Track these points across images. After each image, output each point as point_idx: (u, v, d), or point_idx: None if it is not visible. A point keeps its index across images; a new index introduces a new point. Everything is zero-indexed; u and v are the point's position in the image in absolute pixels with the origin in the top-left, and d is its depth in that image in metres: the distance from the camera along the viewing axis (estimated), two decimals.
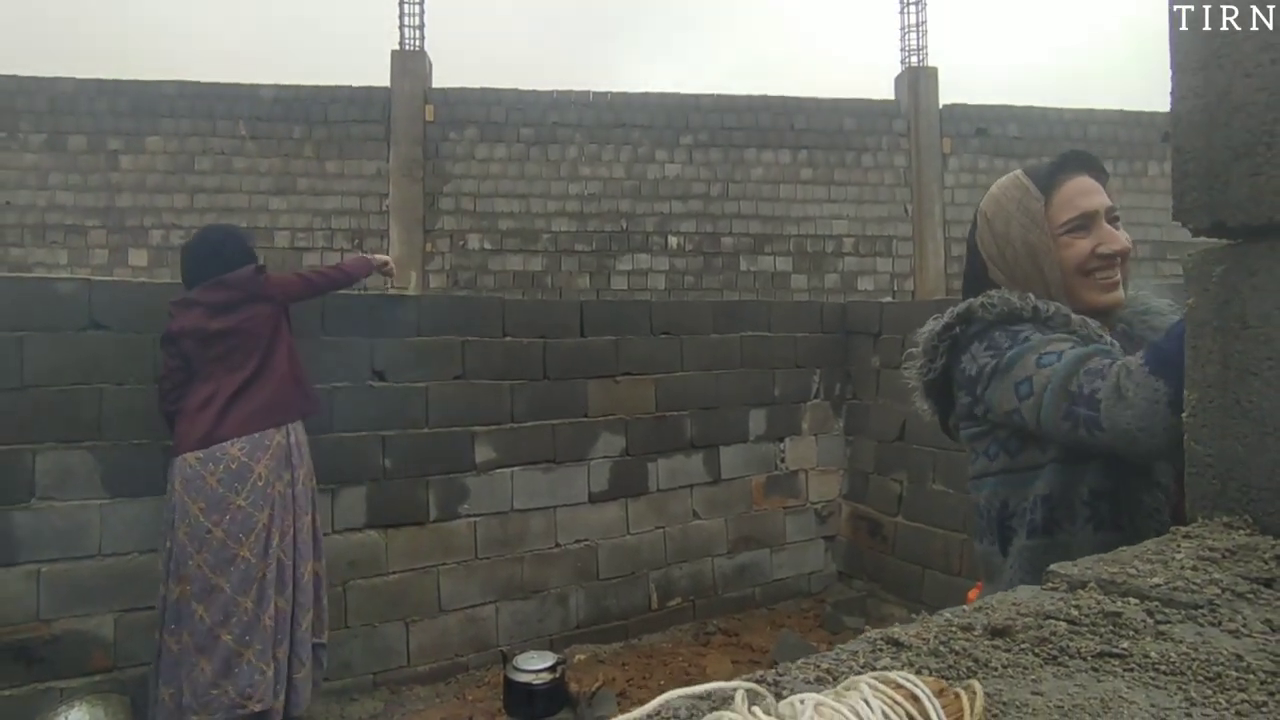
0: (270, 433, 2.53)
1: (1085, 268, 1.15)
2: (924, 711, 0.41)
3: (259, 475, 2.47)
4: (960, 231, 9.63)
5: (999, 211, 1.23)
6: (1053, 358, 1.02)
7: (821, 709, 0.39)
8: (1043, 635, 0.55)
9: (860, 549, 4.37)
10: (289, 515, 2.54)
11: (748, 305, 4.54)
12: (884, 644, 0.55)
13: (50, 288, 2.77)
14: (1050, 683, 0.50)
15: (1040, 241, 1.17)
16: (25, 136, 8.12)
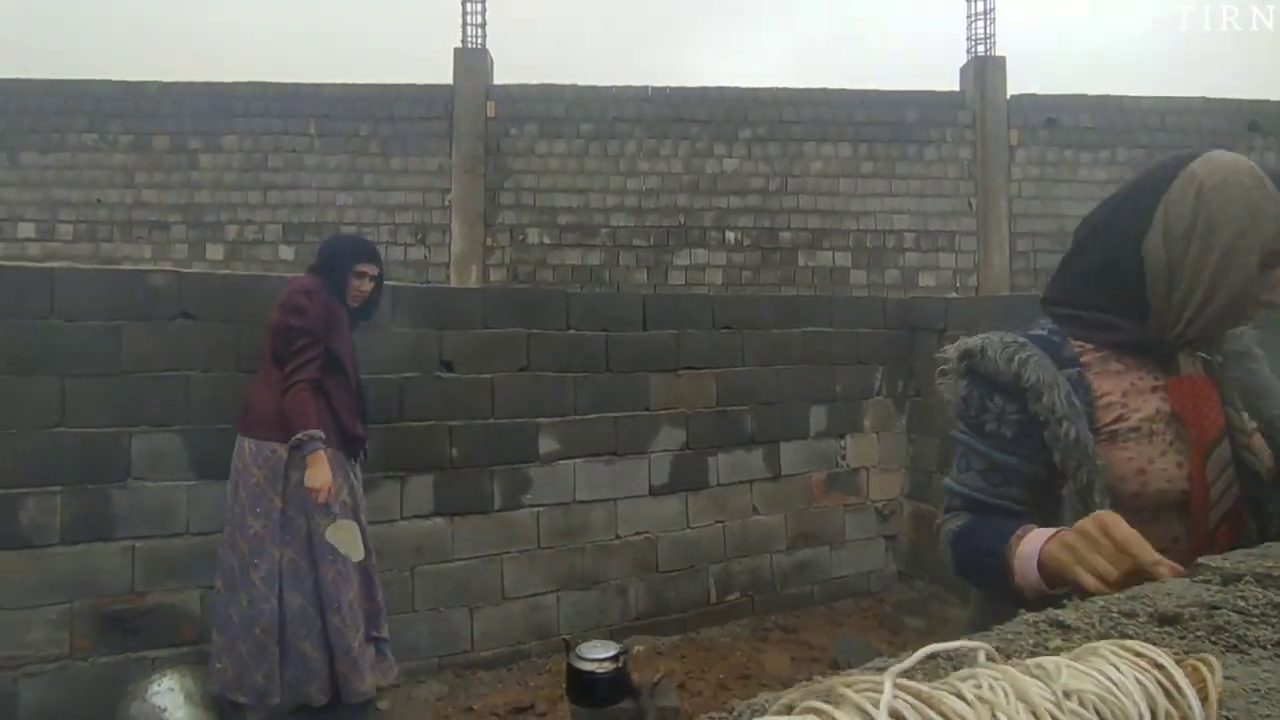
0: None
1: (1257, 304, 0.96)
2: (1171, 679, 0.39)
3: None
4: (1027, 226, 9.33)
5: (1219, 193, 0.94)
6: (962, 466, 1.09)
7: (1072, 670, 0.38)
8: (1216, 624, 0.54)
9: (922, 549, 4.29)
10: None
11: (809, 301, 4.50)
12: (1049, 626, 0.54)
13: (144, 280, 2.92)
14: (1238, 669, 0.49)
15: (1246, 252, 0.92)
16: (115, 138, 8.56)
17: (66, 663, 2.71)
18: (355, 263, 2.63)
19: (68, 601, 2.72)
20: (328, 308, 2.56)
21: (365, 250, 2.70)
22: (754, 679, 3.24)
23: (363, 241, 2.77)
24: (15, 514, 2.65)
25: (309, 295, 2.53)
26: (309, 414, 2.45)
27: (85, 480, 2.76)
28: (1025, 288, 9.06)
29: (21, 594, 2.66)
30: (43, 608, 2.69)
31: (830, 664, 3.41)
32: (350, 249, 2.69)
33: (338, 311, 2.60)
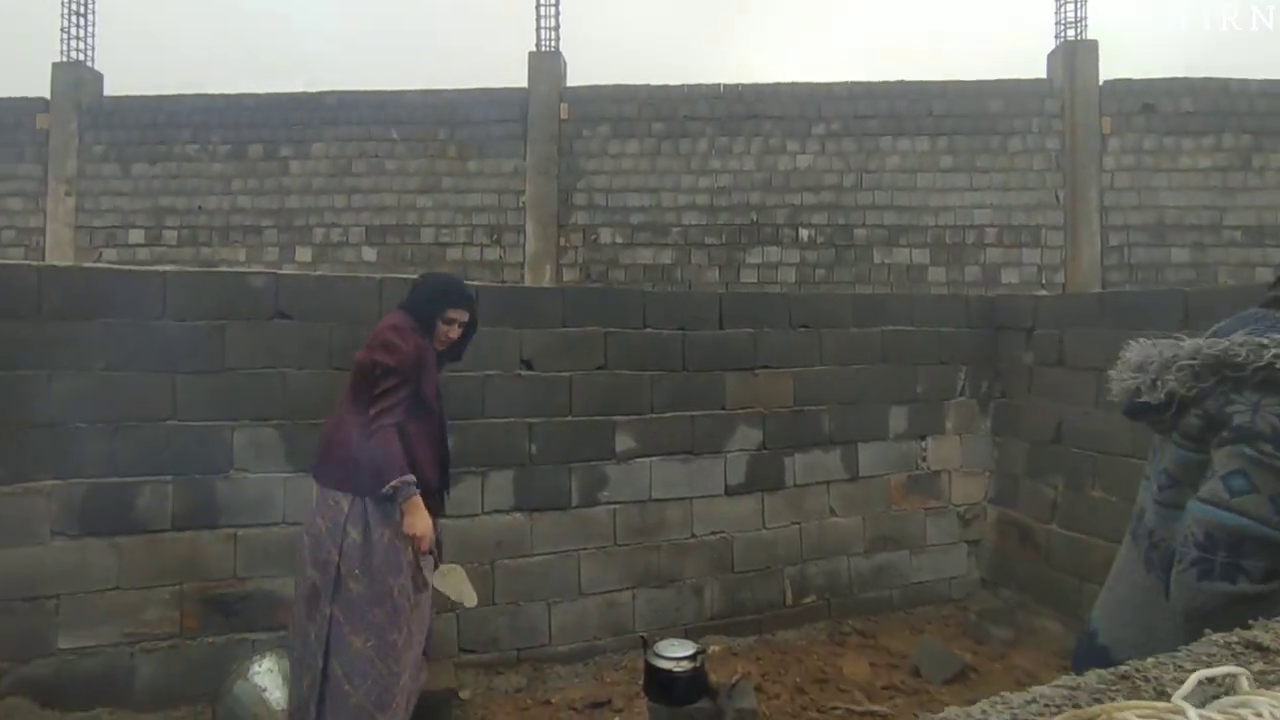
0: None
1: None
2: None
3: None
4: (1121, 219, 8.85)
5: None
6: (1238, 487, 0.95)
7: None
8: None
9: (1008, 556, 4.13)
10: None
11: (889, 299, 4.39)
12: (1244, 647, 0.51)
13: (244, 281, 3.08)
14: None
15: None
16: (215, 148, 9.08)
17: (177, 641, 2.89)
18: (448, 307, 2.44)
19: (178, 584, 2.91)
20: (419, 347, 2.36)
21: (459, 294, 2.49)
22: (832, 684, 3.19)
23: (457, 284, 2.54)
24: (133, 501, 2.84)
25: (400, 333, 2.34)
26: (396, 458, 2.24)
27: (193, 471, 2.93)
28: (1119, 283, 8.60)
29: (139, 575, 2.85)
30: (156, 589, 2.88)
31: (911, 671, 3.33)
32: (444, 291, 2.48)
33: (428, 352, 2.40)
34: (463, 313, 2.50)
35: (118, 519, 2.83)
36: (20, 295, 2.71)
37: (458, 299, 2.48)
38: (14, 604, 2.70)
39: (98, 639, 2.80)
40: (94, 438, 2.81)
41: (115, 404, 2.83)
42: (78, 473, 2.78)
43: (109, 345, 2.82)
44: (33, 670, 2.73)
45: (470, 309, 2.52)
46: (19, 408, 2.71)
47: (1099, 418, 3.63)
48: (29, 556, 2.72)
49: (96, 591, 2.80)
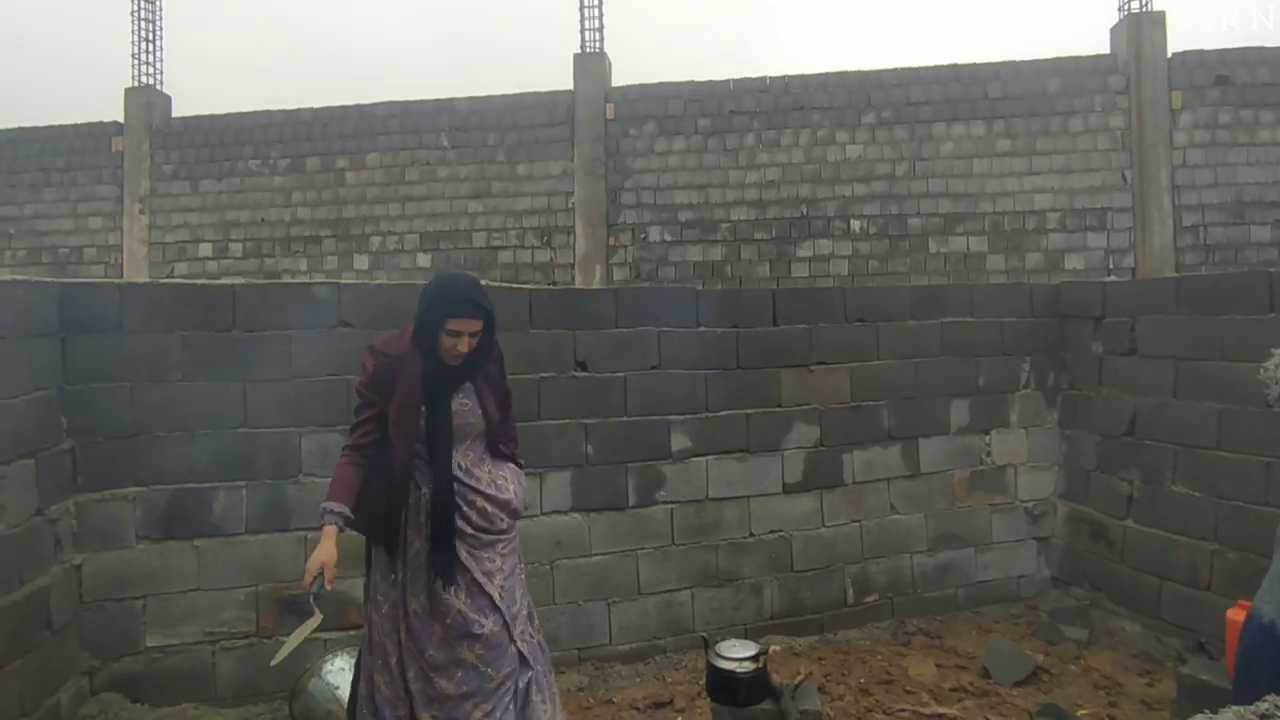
0: None
1: None
2: None
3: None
4: (1195, 198, 8.44)
5: None
6: None
7: None
8: None
9: (1080, 554, 3.98)
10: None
11: (948, 289, 4.27)
12: None
13: (309, 291, 3.18)
14: None
15: None
16: (275, 162, 9.41)
17: (254, 639, 3.01)
18: (446, 317, 2.06)
19: (253, 585, 3.02)
20: (388, 364, 2.10)
21: (457, 301, 2.07)
22: (897, 685, 3.12)
23: (459, 288, 2.11)
24: (210, 505, 2.97)
25: (374, 350, 2.15)
26: (333, 484, 2.12)
27: (264, 475, 3.04)
28: (1194, 266, 8.20)
29: (217, 576, 2.97)
30: (233, 590, 3.00)
31: (980, 673, 3.24)
32: (441, 298, 2.09)
33: (404, 368, 2.09)
34: (467, 322, 2.07)
35: (196, 522, 2.96)
36: (103, 312, 2.86)
37: (457, 307, 2.06)
38: (106, 604, 2.85)
39: (181, 637, 2.94)
40: (173, 446, 2.94)
41: (191, 413, 2.96)
42: (159, 479, 2.92)
43: (184, 357, 2.95)
44: (123, 667, 2.87)
45: (476, 315, 2.09)
46: (105, 419, 2.85)
47: (1179, 409, 3.47)
48: (117, 559, 2.87)
49: (178, 592, 2.94)
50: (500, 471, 2.29)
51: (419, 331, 2.11)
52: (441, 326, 2.08)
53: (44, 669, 2.55)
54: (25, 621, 2.45)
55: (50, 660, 2.59)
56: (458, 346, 2.10)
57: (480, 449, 2.27)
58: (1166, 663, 3.27)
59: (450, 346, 2.10)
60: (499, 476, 2.27)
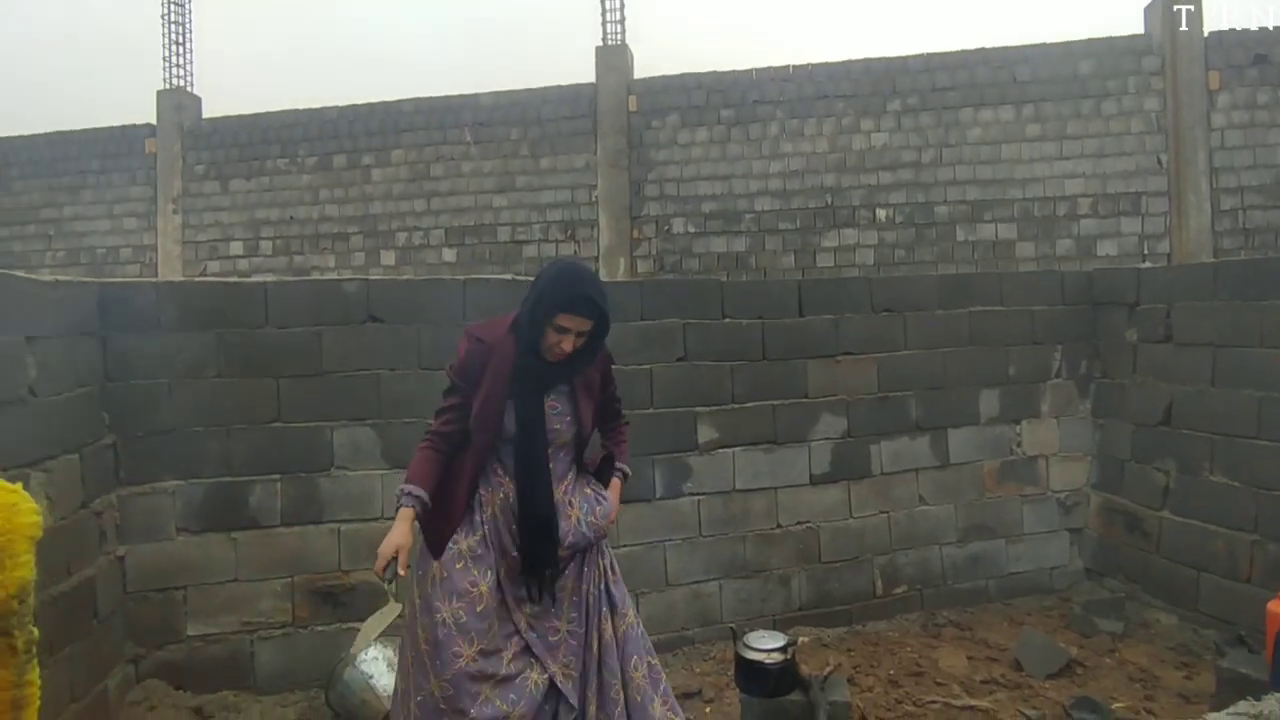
0: None
1: None
2: None
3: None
4: (1233, 180, 8.21)
5: None
6: None
7: None
8: None
9: (1115, 545, 3.92)
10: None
11: (977, 278, 4.21)
12: None
13: (338, 287, 3.23)
14: None
15: None
16: (303, 160, 9.54)
17: (290, 629, 3.08)
18: (557, 311, 1.88)
19: (289, 576, 3.09)
20: (480, 352, 1.95)
21: (573, 298, 1.88)
22: (928, 676, 3.11)
23: (576, 282, 1.91)
24: (246, 499, 3.04)
25: (465, 336, 2.00)
26: (410, 469, 1.96)
27: (298, 470, 3.11)
28: (1233, 250, 7.99)
29: (254, 568, 3.04)
30: (269, 580, 3.07)
31: (1012, 665, 3.21)
32: (552, 292, 1.90)
33: (494, 358, 1.94)
34: (580, 320, 1.89)
35: (233, 515, 3.03)
36: (141, 311, 2.93)
37: (574, 302, 1.87)
38: (148, 594, 2.94)
39: (220, 627, 3.01)
40: (209, 440, 3.01)
41: (227, 408, 3.02)
42: (196, 473, 2.99)
43: (219, 354, 3.02)
44: (166, 655, 2.96)
45: (595, 317, 1.92)
46: (144, 415, 2.93)
47: (1217, 397, 3.39)
48: (158, 551, 2.95)
49: (217, 583, 3.01)
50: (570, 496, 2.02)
51: (524, 319, 1.93)
52: (551, 320, 1.89)
53: (92, 656, 2.63)
54: (74, 610, 2.53)
55: (98, 648, 2.68)
56: (562, 345, 1.90)
57: (564, 461, 2.02)
58: (1204, 655, 3.22)
59: (554, 344, 1.91)
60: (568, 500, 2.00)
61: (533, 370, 1.94)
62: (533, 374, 1.95)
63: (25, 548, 1.24)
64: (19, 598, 1.22)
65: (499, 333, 1.97)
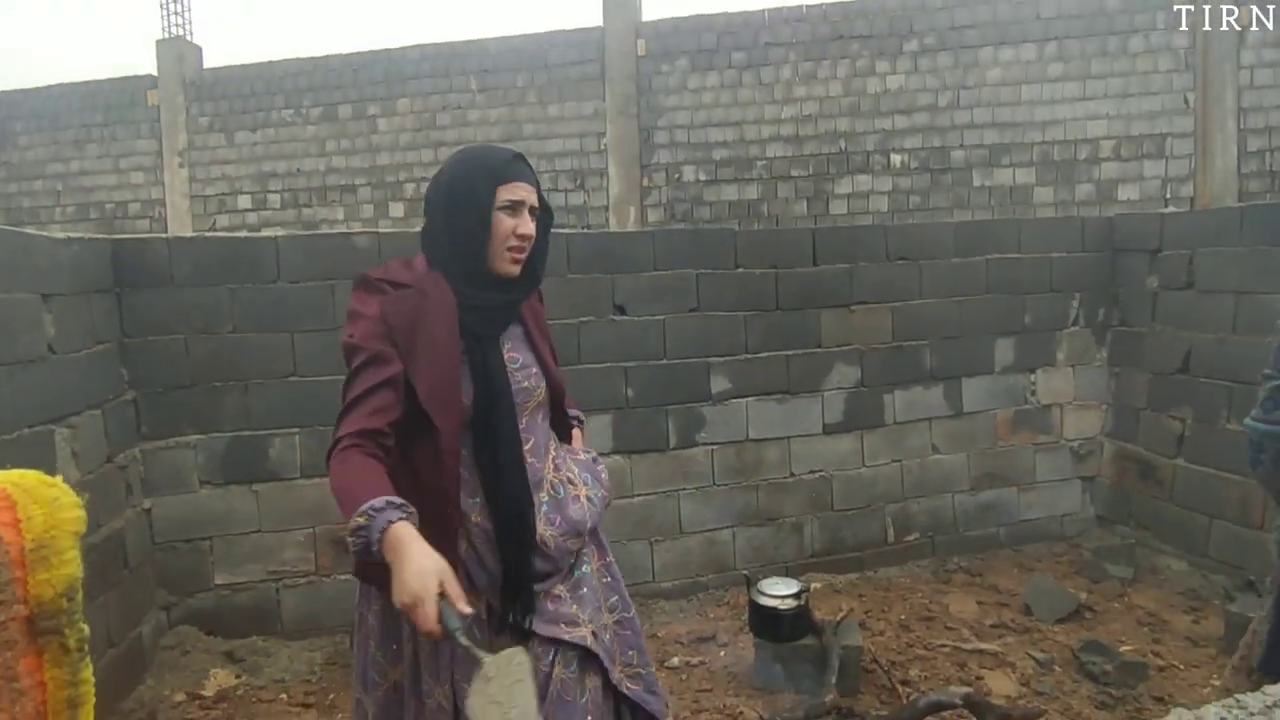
0: None
1: None
2: None
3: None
4: (1262, 120, 7.96)
5: None
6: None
7: None
8: None
9: (1127, 492, 3.93)
10: None
11: (995, 225, 4.14)
12: None
13: (349, 241, 3.21)
14: None
15: None
16: (307, 111, 9.39)
17: (314, 578, 3.16)
18: (494, 184, 1.38)
19: (310, 527, 3.16)
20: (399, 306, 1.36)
21: (503, 163, 1.40)
22: (938, 621, 3.16)
23: (490, 150, 1.44)
24: (267, 452, 3.08)
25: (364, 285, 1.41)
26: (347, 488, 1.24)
27: (315, 423, 3.14)
28: (1258, 194, 7.80)
29: (277, 519, 3.11)
30: (292, 531, 3.14)
31: (1022, 610, 3.26)
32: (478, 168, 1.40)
33: (424, 312, 1.36)
34: (524, 187, 1.40)
35: (255, 468, 3.08)
36: (154, 267, 2.93)
37: (503, 166, 1.39)
38: (176, 545, 3.01)
39: (247, 576, 3.09)
40: (228, 395, 3.04)
41: (244, 363, 3.05)
42: (217, 427, 3.03)
43: (234, 309, 3.02)
44: (196, 603, 3.05)
45: (534, 181, 1.44)
46: (163, 371, 2.96)
47: (1236, 344, 3.36)
48: (184, 503, 3.01)
49: (241, 534, 3.08)
50: (566, 470, 1.53)
51: (452, 233, 1.39)
52: (492, 201, 1.37)
53: (125, 605, 2.72)
54: (105, 560, 2.60)
55: (130, 596, 2.76)
56: (520, 230, 1.39)
57: (541, 429, 1.51)
58: (1213, 600, 3.26)
59: (511, 232, 1.38)
60: (565, 477, 1.52)
61: (480, 307, 1.40)
62: (483, 313, 1.40)
63: (70, 544, 1.17)
64: (67, 595, 1.16)
65: (418, 272, 1.40)
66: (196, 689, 2.75)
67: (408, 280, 1.39)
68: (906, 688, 2.65)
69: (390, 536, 1.17)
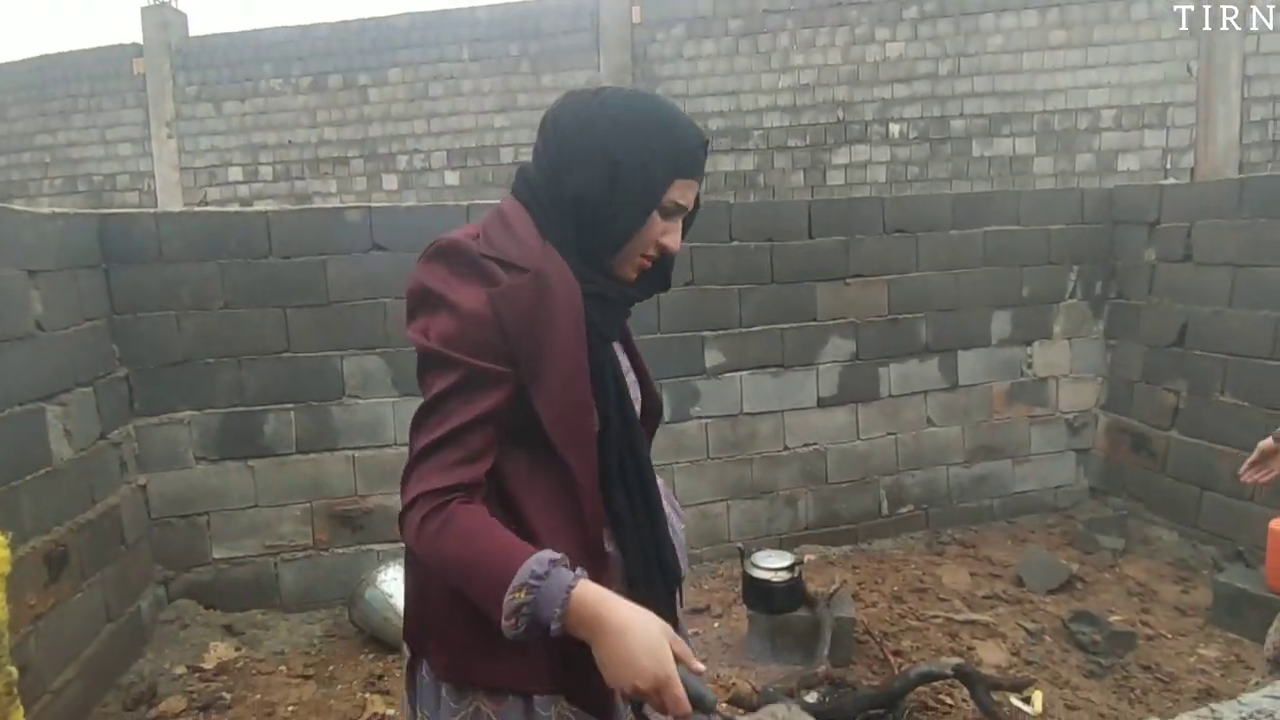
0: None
1: None
2: None
3: None
4: (1267, 89, 7.87)
5: None
6: None
7: None
8: None
9: (1120, 464, 3.95)
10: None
11: (993, 196, 4.10)
12: None
13: (341, 216, 3.18)
14: None
15: None
16: (297, 80, 9.24)
17: (312, 552, 3.17)
18: (674, 177, 1.03)
19: (307, 501, 3.16)
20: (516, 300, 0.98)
21: (696, 146, 1.06)
22: (931, 592, 3.19)
23: (690, 126, 1.06)
24: (261, 428, 3.08)
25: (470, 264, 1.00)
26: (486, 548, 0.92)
27: (310, 398, 3.14)
28: (1259, 165, 7.74)
29: (273, 494, 3.12)
30: (289, 506, 3.14)
31: (1014, 581, 3.29)
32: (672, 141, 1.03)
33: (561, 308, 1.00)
34: (694, 187, 1.08)
35: (249, 444, 3.08)
36: (142, 242, 2.90)
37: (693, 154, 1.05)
38: (173, 520, 3.02)
39: (244, 550, 3.11)
40: (221, 371, 3.03)
41: (236, 339, 3.03)
42: (210, 404, 3.03)
43: (225, 284, 3.00)
44: (195, 577, 3.07)
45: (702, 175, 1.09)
46: (154, 347, 2.94)
47: (1233, 317, 3.35)
48: (179, 479, 3.02)
49: (238, 509, 3.09)
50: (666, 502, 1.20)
51: (595, 209, 1.02)
52: (662, 195, 1.03)
53: (123, 580, 2.73)
54: (101, 536, 2.61)
55: (128, 572, 2.77)
56: (666, 239, 1.06)
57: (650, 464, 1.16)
58: (1201, 570, 3.29)
59: (656, 237, 1.05)
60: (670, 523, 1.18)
61: (612, 301, 1.07)
62: (611, 308, 1.07)
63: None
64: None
65: (530, 246, 1.00)
66: (196, 662, 2.77)
67: (520, 259, 0.98)
68: (899, 658, 2.69)
69: (579, 604, 0.88)
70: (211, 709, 2.54)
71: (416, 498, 0.94)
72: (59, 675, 2.30)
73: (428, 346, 0.98)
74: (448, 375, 0.96)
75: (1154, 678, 2.59)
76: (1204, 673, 2.61)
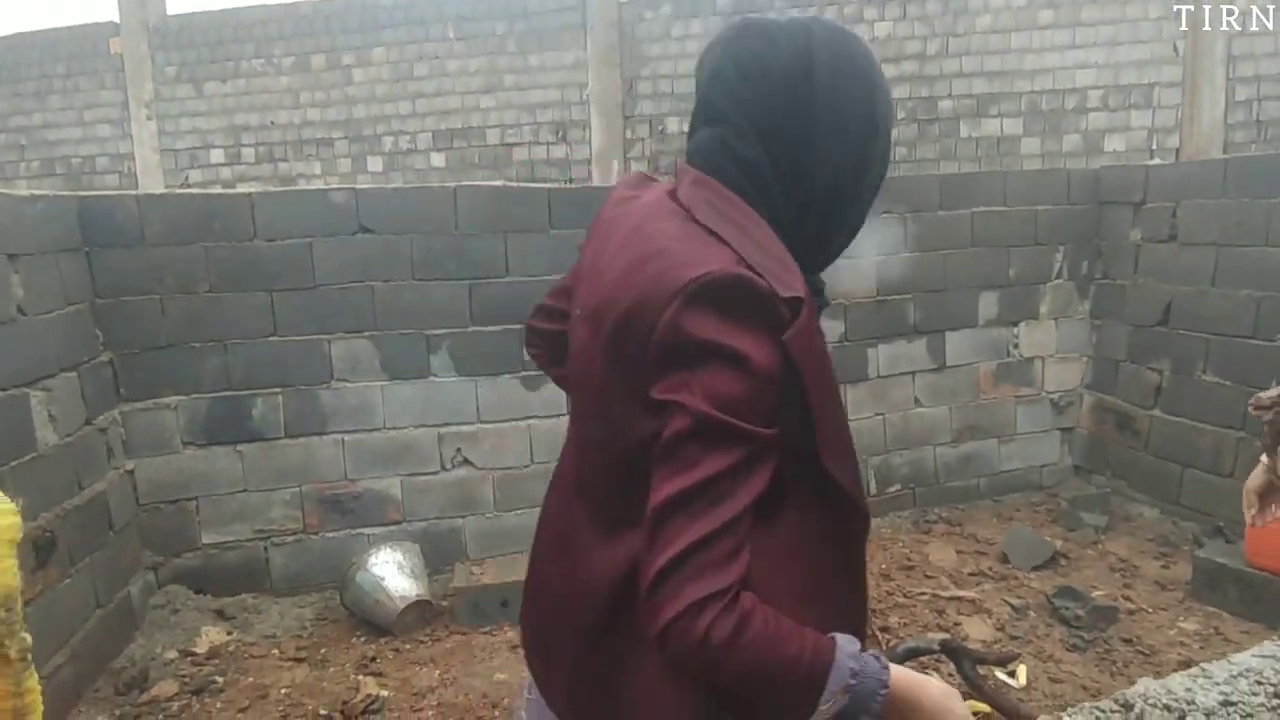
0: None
1: None
2: None
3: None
4: (1252, 68, 7.90)
5: None
6: None
7: None
8: None
9: (1104, 443, 4.01)
10: None
11: (980, 177, 4.11)
12: None
13: (327, 198, 3.14)
14: None
15: None
16: (279, 61, 9.09)
17: (302, 536, 3.17)
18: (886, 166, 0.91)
19: (297, 486, 3.16)
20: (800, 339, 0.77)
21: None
22: (918, 570, 3.24)
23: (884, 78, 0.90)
24: (249, 412, 3.06)
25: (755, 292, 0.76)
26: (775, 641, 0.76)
27: (298, 383, 3.12)
28: (1244, 145, 7.78)
29: (262, 479, 3.11)
30: (278, 490, 3.14)
31: (999, 558, 3.34)
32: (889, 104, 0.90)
33: (805, 339, 0.77)
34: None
35: (238, 428, 3.06)
36: (123, 225, 2.86)
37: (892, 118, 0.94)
38: (160, 506, 3.01)
39: (234, 535, 3.10)
40: (208, 356, 3.00)
41: (222, 324, 3.00)
42: (197, 389, 3.00)
43: (210, 268, 2.97)
44: (184, 562, 3.06)
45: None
46: (138, 332, 2.91)
47: (1216, 297, 3.39)
48: (166, 464, 3.00)
49: (227, 494, 3.08)
50: None
51: (854, 180, 0.88)
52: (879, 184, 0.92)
53: (112, 565, 2.72)
54: (89, 522, 2.60)
55: (116, 557, 2.76)
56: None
57: None
58: (1182, 546, 3.35)
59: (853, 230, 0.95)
60: None
61: (823, 308, 0.94)
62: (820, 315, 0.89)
63: (6, 552, 1.14)
64: (5, 605, 1.13)
65: (790, 267, 0.81)
66: (188, 646, 2.77)
67: (786, 283, 0.77)
68: (886, 634, 2.73)
69: (898, 690, 0.82)
70: (204, 693, 2.54)
71: (704, 602, 0.73)
72: (49, 660, 2.29)
73: (711, 416, 0.74)
74: (731, 452, 0.75)
75: (1135, 650, 2.65)
76: (1184, 645, 2.66)
